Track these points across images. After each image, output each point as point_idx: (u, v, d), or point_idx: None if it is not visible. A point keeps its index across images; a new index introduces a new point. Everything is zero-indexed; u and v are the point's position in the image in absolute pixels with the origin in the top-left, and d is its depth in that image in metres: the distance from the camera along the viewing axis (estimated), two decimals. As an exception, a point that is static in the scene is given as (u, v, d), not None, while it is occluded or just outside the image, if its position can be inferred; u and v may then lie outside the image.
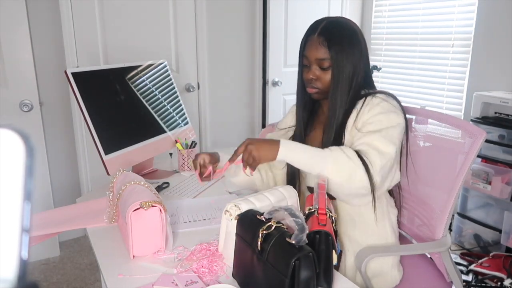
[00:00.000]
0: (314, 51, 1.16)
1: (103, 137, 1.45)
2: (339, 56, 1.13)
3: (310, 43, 1.17)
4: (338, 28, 1.16)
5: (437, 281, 1.28)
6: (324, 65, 1.16)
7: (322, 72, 1.17)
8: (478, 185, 2.30)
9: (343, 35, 1.15)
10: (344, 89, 1.16)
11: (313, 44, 1.16)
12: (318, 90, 1.19)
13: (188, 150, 1.73)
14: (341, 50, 1.13)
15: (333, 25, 1.17)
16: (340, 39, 1.14)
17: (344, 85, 1.15)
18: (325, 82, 1.17)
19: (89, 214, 1.32)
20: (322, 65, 1.16)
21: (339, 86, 1.16)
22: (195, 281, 0.96)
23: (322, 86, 1.18)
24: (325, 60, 1.15)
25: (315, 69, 1.17)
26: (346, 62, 1.14)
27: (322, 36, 1.14)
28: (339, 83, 1.15)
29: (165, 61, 1.88)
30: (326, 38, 1.14)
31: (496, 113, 2.33)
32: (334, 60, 1.14)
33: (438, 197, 1.26)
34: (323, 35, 1.14)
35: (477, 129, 1.18)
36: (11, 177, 0.26)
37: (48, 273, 2.30)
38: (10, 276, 0.26)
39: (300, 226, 0.83)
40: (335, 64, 1.14)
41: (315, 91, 1.20)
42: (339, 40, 1.14)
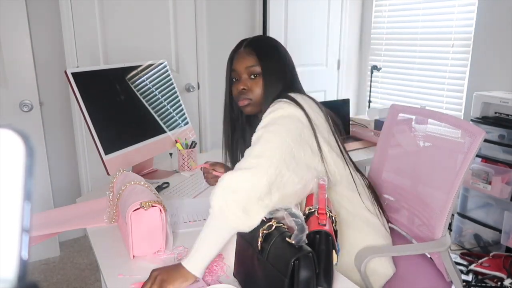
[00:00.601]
0: (242, 60, 1.19)
1: (103, 137, 1.45)
2: (267, 60, 1.17)
3: (238, 56, 1.21)
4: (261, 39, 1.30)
5: (437, 281, 1.28)
6: (255, 71, 1.17)
7: (252, 82, 1.18)
8: (478, 185, 2.30)
9: (267, 44, 1.23)
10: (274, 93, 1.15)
11: (241, 55, 1.20)
12: (250, 101, 1.18)
13: (188, 150, 1.73)
14: (268, 54, 1.18)
15: (256, 38, 1.25)
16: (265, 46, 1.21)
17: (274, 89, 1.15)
18: (257, 91, 1.17)
19: (89, 214, 1.32)
20: (253, 72, 1.17)
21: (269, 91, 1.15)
22: (197, 279, 0.96)
23: (254, 97, 1.18)
24: (255, 66, 1.17)
25: (245, 79, 1.19)
26: (274, 66, 1.17)
27: (248, 47, 1.20)
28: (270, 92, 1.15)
29: (165, 61, 1.88)
30: (253, 48, 1.19)
31: (496, 113, 2.33)
32: (263, 62, 1.16)
33: (437, 197, 1.26)
34: (249, 46, 1.20)
35: (476, 129, 1.18)
36: (11, 177, 0.26)
37: (48, 273, 2.30)
38: (10, 276, 0.26)
39: (300, 226, 0.83)
40: (265, 67, 1.16)
41: (247, 102, 1.18)
42: (264, 47, 1.21)
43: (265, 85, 1.16)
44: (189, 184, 1.59)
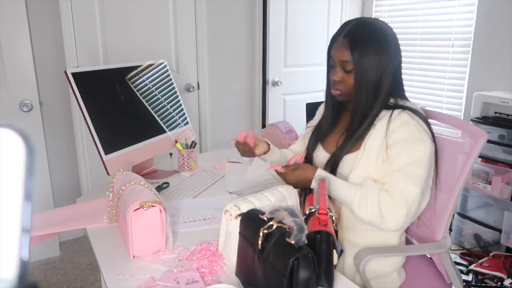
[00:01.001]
0: (338, 53, 1.14)
1: (103, 137, 1.45)
2: (362, 60, 1.10)
3: (336, 45, 1.16)
4: (365, 30, 1.12)
5: (437, 282, 1.28)
6: (347, 68, 1.14)
7: (345, 75, 1.15)
8: (478, 185, 2.30)
9: (370, 38, 1.11)
10: (369, 94, 1.13)
11: (338, 45, 1.14)
12: (341, 92, 1.18)
13: (188, 150, 1.73)
14: (365, 53, 1.10)
15: (360, 26, 1.13)
16: (365, 41, 1.11)
17: (368, 90, 1.13)
18: (348, 85, 1.15)
19: (89, 214, 1.32)
20: (345, 68, 1.14)
21: (362, 91, 1.13)
22: (196, 280, 0.96)
23: (345, 89, 1.17)
24: (348, 62, 1.12)
25: (338, 71, 1.16)
26: (369, 66, 1.11)
27: (346, 38, 1.12)
28: (362, 87, 1.13)
29: (165, 61, 1.88)
30: (350, 40, 1.11)
31: (496, 113, 2.33)
32: (356, 63, 1.11)
33: (438, 198, 1.26)
34: (348, 36, 1.12)
35: (478, 130, 1.17)
36: (11, 177, 0.26)
37: (48, 273, 2.30)
38: (10, 276, 0.26)
39: (299, 226, 0.83)
40: (357, 67, 1.11)
41: (338, 93, 1.19)
42: (363, 42, 1.10)
43: (356, 83, 1.13)
44: (189, 184, 1.59)
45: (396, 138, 1.11)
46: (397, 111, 1.13)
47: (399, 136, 1.10)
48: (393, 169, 1.10)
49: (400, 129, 1.11)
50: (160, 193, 1.45)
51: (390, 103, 1.17)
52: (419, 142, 1.10)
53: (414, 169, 1.09)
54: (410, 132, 1.10)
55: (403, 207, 1.08)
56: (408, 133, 1.10)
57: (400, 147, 1.10)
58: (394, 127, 1.11)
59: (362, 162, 1.14)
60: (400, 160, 1.09)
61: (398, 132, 1.11)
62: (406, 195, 1.08)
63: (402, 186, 1.08)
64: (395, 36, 1.16)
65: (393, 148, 1.11)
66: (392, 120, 1.12)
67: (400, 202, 1.08)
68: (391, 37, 1.15)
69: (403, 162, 1.09)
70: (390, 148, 1.11)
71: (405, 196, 1.08)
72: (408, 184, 1.08)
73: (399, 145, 1.10)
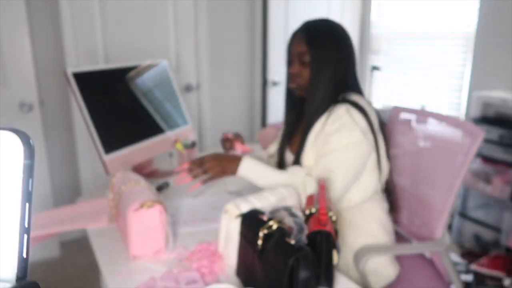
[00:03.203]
0: (295, 46, 1.20)
1: (103, 137, 1.45)
2: (318, 51, 1.16)
3: (293, 40, 1.22)
4: (320, 25, 1.20)
5: (436, 281, 1.28)
6: (304, 59, 1.18)
7: (302, 68, 1.19)
8: (478, 185, 2.30)
9: (325, 32, 1.18)
10: (322, 87, 1.17)
11: (296, 39, 1.20)
12: (297, 85, 1.22)
13: (188, 150, 1.73)
14: (321, 45, 1.16)
15: (316, 22, 1.21)
16: (320, 34, 1.18)
17: (322, 84, 1.16)
18: (305, 77, 1.20)
19: (89, 214, 1.32)
20: (302, 59, 1.18)
21: (317, 83, 1.17)
22: (196, 280, 0.96)
23: (302, 82, 1.21)
24: (305, 54, 1.17)
25: (296, 64, 1.20)
26: (325, 58, 1.16)
27: (304, 32, 1.19)
28: (317, 79, 1.16)
29: (165, 61, 1.88)
30: (307, 34, 1.18)
31: (496, 113, 2.33)
32: (312, 53, 1.16)
33: (437, 197, 1.26)
34: (305, 31, 1.19)
35: (475, 129, 1.18)
36: (11, 177, 0.26)
37: (48, 273, 2.30)
38: (10, 276, 0.26)
39: (299, 226, 0.83)
40: (313, 58, 1.16)
41: (295, 86, 1.23)
42: (320, 35, 1.17)
43: (312, 75, 1.17)
44: (189, 184, 1.59)
45: (330, 128, 1.14)
46: (339, 104, 1.16)
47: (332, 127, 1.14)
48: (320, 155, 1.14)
49: (334, 122, 1.14)
50: (160, 193, 1.45)
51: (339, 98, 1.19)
52: (347, 131, 1.13)
53: (338, 155, 1.12)
54: (341, 124, 1.13)
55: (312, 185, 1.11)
56: (340, 124, 1.13)
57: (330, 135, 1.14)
58: (328, 120, 1.15)
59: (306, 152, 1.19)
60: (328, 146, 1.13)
61: (332, 124, 1.14)
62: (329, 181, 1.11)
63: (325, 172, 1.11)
64: (347, 34, 1.22)
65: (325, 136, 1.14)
66: (331, 113, 1.16)
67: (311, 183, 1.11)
68: (344, 33, 1.21)
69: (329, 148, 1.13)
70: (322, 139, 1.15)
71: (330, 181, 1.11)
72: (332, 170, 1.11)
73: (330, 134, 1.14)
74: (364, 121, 1.15)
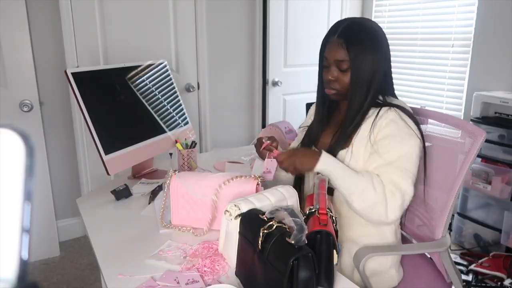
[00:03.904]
0: (333, 52, 1.16)
1: (103, 137, 1.45)
2: (358, 58, 1.13)
3: (330, 45, 1.17)
4: (359, 29, 1.15)
5: (437, 281, 1.28)
6: (342, 67, 1.15)
7: (340, 74, 1.17)
8: (478, 185, 2.30)
9: (364, 37, 1.14)
10: (362, 92, 1.16)
11: (333, 45, 1.16)
12: (336, 91, 1.20)
13: (188, 150, 1.73)
14: (361, 52, 1.13)
15: (354, 26, 1.16)
16: (360, 41, 1.13)
17: (362, 88, 1.15)
18: (344, 83, 1.17)
19: None
20: (340, 67, 1.16)
21: (357, 89, 1.16)
22: (196, 280, 0.96)
23: (340, 88, 1.18)
24: (344, 61, 1.14)
25: (334, 70, 1.17)
26: (365, 64, 1.13)
27: (342, 38, 1.14)
28: (357, 85, 1.15)
29: (165, 61, 1.88)
30: (346, 40, 1.13)
31: (496, 113, 2.33)
32: (353, 62, 1.13)
33: (438, 197, 1.26)
34: (343, 36, 1.14)
35: (477, 129, 1.18)
36: (11, 177, 0.26)
37: (48, 273, 2.30)
38: (10, 276, 0.26)
39: (299, 226, 0.83)
40: (353, 66, 1.13)
41: (333, 92, 1.20)
42: (359, 42, 1.13)
43: (353, 81, 1.15)
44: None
45: (385, 133, 1.13)
46: (385, 108, 1.16)
47: (388, 131, 1.13)
48: (385, 163, 1.12)
49: (388, 125, 1.13)
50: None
51: (379, 100, 1.19)
52: (408, 137, 1.13)
53: (405, 163, 1.11)
54: (398, 128, 1.13)
55: (398, 199, 1.09)
56: (397, 129, 1.13)
57: (391, 141, 1.12)
58: (382, 124, 1.14)
59: (352, 158, 1.17)
60: (391, 154, 1.11)
61: (387, 128, 1.13)
62: (399, 187, 1.10)
63: (395, 179, 1.10)
64: (385, 35, 1.19)
65: (383, 142, 1.13)
66: (380, 117, 1.15)
67: (396, 194, 1.09)
68: (382, 36, 1.17)
69: (394, 156, 1.11)
70: (380, 142, 1.13)
71: (399, 188, 1.09)
72: (401, 177, 1.10)
73: (390, 139, 1.12)
74: (414, 125, 1.15)
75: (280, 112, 3.10)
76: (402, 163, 1.11)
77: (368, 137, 1.15)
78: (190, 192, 1.19)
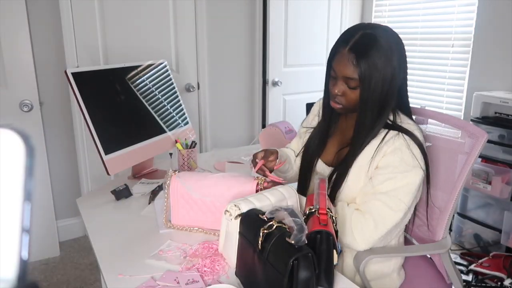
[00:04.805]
0: (343, 67, 1.06)
1: (103, 137, 1.45)
2: (369, 78, 1.03)
3: (339, 57, 1.07)
4: (372, 44, 1.03)
5: (437, 282, 1.28)
6: (351, 84, 1.07)
7: (348, 90, 1.09)
8: (478, 185, 2.30)
9: (378, 54, 1.02)
10: (374, 110, 1.08)
11: (342, 59, 1.06)
12: (342, 106, 1.13)
13: (188, 150, 1.73)
14: (372, 72, 1.03)
15: (367, 40, 1.04)
16: (373, 58, 1.02)
17: (373, 108, 1.08)
18: (351, 100, 1.10)
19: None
20: (349, 84, 1.08)
21: (367, 109, 1.08)
22: (196, 280, 0.96)
23: (346, 104, 1.11)
24: (353, 80, 1.06)
25: (341, 84, 1.09)
26: (377, 85, 1.04)
27: (353, 52, 1.04)
28: (367, 106, 1.07)
29: (165, 61, 1.88)
30: (357, 56, 1.03)
31: (496, 113, 2.33)
32: (363, 81, 1.04)
33: (438, 198, 1.26)
34: (354, 51, 1.04)
35: (478, 130, 1.17)
36: (11, 177, 0.26)
37: (48, 273, 2.30)
38: (10, 276, 0.26)
39: (299, 226, 0.83)
40: (364, 86, 1.05)
41: (339, 107, 1.13)
42: (371, 59, 1.02)
43: (362, 101, 1.08)
44: (189, 184, 1.59)
45: (387, 161, 1.08)
46: (393, 133, 1.10)
47: (391, 160, 1.08)
48: (379, 191, 1.08)
49: (392, 154, 1.08)
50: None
51: (389, 120, 1.13)
52: (410, 169, 1.07)
53: (402, 195, 1.07)
54: (402, 159, 1.07)
55: (377, 230, 1.07)
56: (401, 159, 1.07)
57: (391, 171, 1.07)
58: (386, 151, 1.09)
59: (351, 178, 1.14)
60: (388, 183, 1.07)
61: (390, 157, 1.08)
62: (385, 218, 1.07)
63: (383, 209, 1.07)
64: (402, 45, 1.10)
65: (383, 170, 1.09)
66: (386, 142, 1.09)
67: (378, 225, 1.07)
68: (399, 49, 1.08)
69: (390, 187, 1.07)
70: (380, 170, 1.09)
71: (384, 219, 1.07)
72: (391, 208, 1.07)
73: (391, 169, 1.08)
74: (421, 155, 1.09)
75: (280, 112, 3.10)
76: (397, 194, 1.07)
77: (369, 160, 1.10)
78: (190, 192, 1.19)
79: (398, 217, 1.07)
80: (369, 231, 1.07)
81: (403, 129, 1.10)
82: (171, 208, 1.22)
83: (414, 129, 1.12)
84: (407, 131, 1.10)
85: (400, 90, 1.13)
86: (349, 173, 1.14)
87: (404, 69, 1.12)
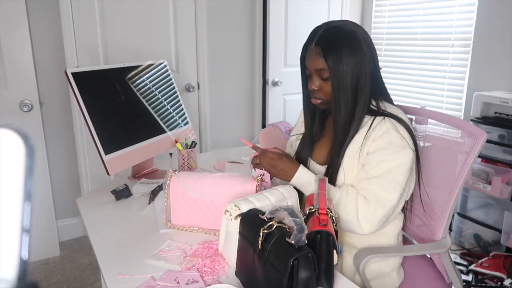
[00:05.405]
0: (312, 61, 1.13)
1: (103, 137, 1.45)
2: (337, 66, 1.09)
3: (309, 54, 1.15)
4: (335, 34, 1.11)
5: (437, 282, 1.28)
6: (323, 75, 1.13)
7: (323, 83, 1.14)
8: (478, 185, 2.30)
9: (341, 42, 1.09)
10: (348, 100, 1.12)
11: (311, 54, 1.13)
12: (321, 101, 1.17)
13: (188, 150, 1.73)
14: (339, 59, 1.09)
15: (330, 32, 1.12)
16: (337, 47, 1.09)
17: (347, 96, 1.12)
18: (327, 92, 1.14)
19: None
20: (322, 75, 1.13)
21: (340, 97, 1.12)
22: (196, 280, 0.96)
23: (325, 97, 1.16)
24: (324, 70, 1.11)
25: (316, 79, 1.15)
26: (345, 70, 1.09)
27: (318, 46, 1.11)
28: (340, 93, 1.12)
29: (165, 61, 1.88)
30: (323, 48, 1.10)
31: (496, 113, 2.33)
32: (332, 70, 1.10)
33: (438, 198, 1.26)
34: (320, 44, 1.11)
35: (477, 130, 1.17)
36: (11, 177, 0.26)
37: (48, 273, 2.30)
38: (10, 276, 0.26)
39: (299, 226, 0.83)
40: (333, 74, 1.10)
41: (319, 101, 1.18)
42: (336, 48, 1.09)
43: (334, 90, 1.12)
44: (189, 184, 1.59)
45: (377, 145, 1.11)
46: (379, 118, 1.13)
47: (380, 144, 1.11)
48: (373, 175, 1.11)
49: (381, 138, 1.11)
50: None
51: (373, 105, 1.16)
52: (400, 150, 1.10)
53: (394, 175, 1.10)
54: (391, 140, 1.10)
55: (379, 213, 1.09)
56: (389, 142, 1.10)
57: (382, 154, 1.10)
58: (375, 136, 1.11)
59: (343, 168, 1.16)
60: (380, 166, 1.10)
61: (380, 140, 1.11)
62: (384, 201, 1.09)
63: (380, 192, 1.09)
64: (367, 36, 1.14)
65: (374, 155, 1.11)
66: (374, 128, 1.12)
67: (378, 209, 1.09)
68: (363, 37, 1.13)
69: (383, 169, 1.10)
70: (371, 154, 1.12)
71: (383, 202, 1.09)
72: (387, 191, 1.09)
73: (380, 151, 1.11)
74: (409, 136, 1.13)
75: (280, 112, 3.10)
76: (390, 175, 1.09)
77: (359, 148, 1.13)
78: (189, 192, 1.19)
79: (395, 198, 1.10)
80: (373, 216, 1.09)
81: (388, 114, 1.14)
82: (171, 208, 1.22)
83: (398, 112, 1.17)
84: (393, 115, 1.14)
85: (374, 77, 1.16)
86: (342, 164, 1.16)
87: (373, 56, 1.15)
